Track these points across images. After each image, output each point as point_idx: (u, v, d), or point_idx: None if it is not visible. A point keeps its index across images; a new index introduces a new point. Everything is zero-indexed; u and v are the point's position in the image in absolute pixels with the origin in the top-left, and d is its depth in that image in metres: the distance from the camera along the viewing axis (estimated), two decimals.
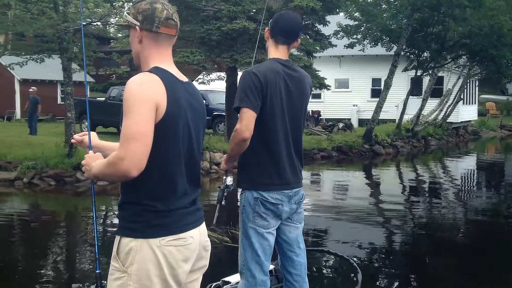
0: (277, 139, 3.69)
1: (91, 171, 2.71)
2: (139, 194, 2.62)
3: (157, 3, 2.70)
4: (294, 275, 3.88)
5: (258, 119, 3.60)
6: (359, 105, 34.00)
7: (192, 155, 2.76)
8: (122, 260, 2.62)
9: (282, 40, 3.79)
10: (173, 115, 2.60)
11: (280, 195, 3.71)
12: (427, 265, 8.15)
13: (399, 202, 13.19)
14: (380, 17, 25.37)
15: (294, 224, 3.88)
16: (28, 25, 14.51)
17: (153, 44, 2.72)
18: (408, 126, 27.52)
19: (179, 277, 2.67)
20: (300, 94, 3.82)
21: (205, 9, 20.10)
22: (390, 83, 23.57)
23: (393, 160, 22.67)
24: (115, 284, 2.64)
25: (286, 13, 3.90)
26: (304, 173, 18.09)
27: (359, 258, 7.77)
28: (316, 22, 22.34)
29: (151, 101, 2.52)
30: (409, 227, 10.55)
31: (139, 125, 2.48)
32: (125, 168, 2.47)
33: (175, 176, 2.66)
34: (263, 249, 3.72)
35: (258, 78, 3.60)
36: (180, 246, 2.65)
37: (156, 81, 2.58)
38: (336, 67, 33.98)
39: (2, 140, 17.89)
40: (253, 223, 3.70)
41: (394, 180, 17.94)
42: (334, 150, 22.34)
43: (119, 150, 2.52)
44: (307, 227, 10.24)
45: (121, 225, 2.68)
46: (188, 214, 2.73)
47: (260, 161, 3.69)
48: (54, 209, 12.41)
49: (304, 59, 20.69)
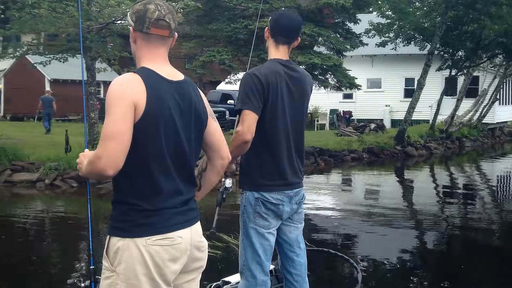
0: (278, 140, 3.71)
1: (82, 169, 2.73)
2: (126, 193, 2.66)
3: (151, 3, 2.72)
4: (295, 275, 3.89)
5: (260, 121, 3.61)
6: (391, 105, 33.63)
7: (182, 155, 2.74)
8: (111, 260, 2.66)
9: (282, 40, 3.77)
10: (153, 114, 2.60)
11: (281, 195, 3.72)
12: (462, 270, 7.80)
13: (434, 206, 12.68)
14: (413, 15, 24.95)
15: (294, 224, 3.89)
16: (51, 23, 14.28)
17: (144, 45, 2.76)
18: (442, 127, 27.11)
19: (167, 276, 2.67)
20: (300, 95, 3.81)
21: (232, 8, 19.77)
22: (423, 83, 23.13)
23: (426, 162, 22.11)
24: (105, 283, 2.68)
25: (285, 12, 3.94)
26: (334, 176, 17.97)
27: (390, 263, 7.56)
28: (347, 20, 21.89)
29: (129, 100, 2.54)
30: (445, 233, 10.08)
31: (116, 124, 2.51)
32: (101, 166, 2.50)
33: (158, 175, 2.65)
34: (264, 249, 3.73)
35: (259, 79, 3.59)
36: (167, 245, 2.65)
37: (136, 81, 2.60)
38: (368, 67, 33.64)
39: (27, 141, 17.76)
40: (254, 223, 3.71)
41: (428, 183, 17.33)
42: (364, 151, 21.83)
43: (97, 148, 2.55)
44: (337, 230, 9.97)
45: (111, 224, 2.71)
46: (177, 214, 2.72)
47: (262, 162, 3.71)
48: (74, 211, 12.12)
49: (333, 58, 20.24)
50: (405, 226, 10.73)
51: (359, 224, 10.67)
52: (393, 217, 11.35)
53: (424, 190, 15.65)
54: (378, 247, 8.88)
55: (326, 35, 20.32)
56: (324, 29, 20.24)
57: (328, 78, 21.61)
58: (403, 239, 9.52)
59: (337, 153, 20.63)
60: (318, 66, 20.11)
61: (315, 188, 14.89)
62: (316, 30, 19.48)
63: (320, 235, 9.51)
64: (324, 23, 20.86)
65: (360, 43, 22.61)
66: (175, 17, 2.78)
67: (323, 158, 19.80)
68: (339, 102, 34.81)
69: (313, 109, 34.72)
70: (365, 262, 7.82)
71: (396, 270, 7.64)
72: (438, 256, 8.65)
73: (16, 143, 16.69)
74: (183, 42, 21.25)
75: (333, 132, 26.56)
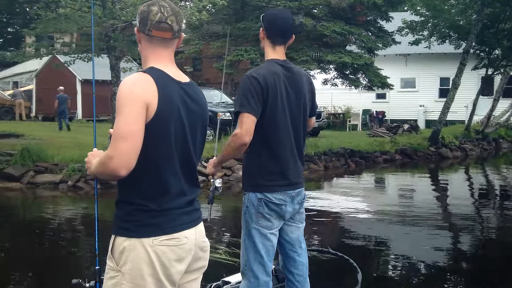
0: (279, 141, 3.74)
1: (91, 168, 2.73)
2: (132, 193, 2.67)
3: (155, 5, 2.71)
4: (296, 275, 3.92)
5: (260, 122, 3.64)
6: (426, 106, 33.11)
7: (188, 156, 2.77)
8: (116, 259, 2.66)
9: (279, 40, 3.81)
10: (164, 115, 2.61)
11: (284, 195, 3.76)
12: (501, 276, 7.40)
13: (471, 210, 12.20)
14: (447, 13, 24.32)
15: (296, 224, 3.92)
16: (74, 22, 14.07)
17: (149, 46, 2.77)
18: (477, 128, 26.54)
19: (172, 276, 2.70)
20: (298, 95, 3.81)
21: (262, 6, 19.42)
22: (458, 82, 22.52)
23: (462, 164, 21.48)
24: (110, 283, 2.69)
25: (279, 12, 3.95)
26: (365, 178, 17.51)
27: (426, 265, 7.26)
28: (379, 18, 21.40)
29: (141, 100, 2.54)
30: (483, 237, 9.56)
31: (128, 124, 2.51)
32: (114, 167, 2.50)
33: (167, 175, 2.68)
34: (266, 250, 3.76)
35: (258, 81, 3.62)
36: (174, 246, 2.68)
37: (148, 81, 2.60)
38: (402, 66, 33.19)
39: (52, 141, 17.62)
40: (256, 223, 3.74)
41: (464, 186, 16.70)
42: (397, 153, 21.29)
43: (108, 149, 2.55)
44: (369, 233, 9.67)
45: (116, 224, 2.71)
46: (183, 214, 2.75)
47: (264, 163, 3.74)
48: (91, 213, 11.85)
49: (364, 57, 19.77)
50: (440, 228, 10.31)
51: (392, 226, 10.37)
52: (427, 220, 10.84)
53: (459, 193, 15.06)
54: (412, 249, 8.54)
55: (357, 33, 19.87)
56: (355, 27, 19.82)
57: (359, 78, 21.17)
58: (438, 241, 9.19)
59: (368, 155, 20.17)
60: (348, 65, 19.67)
61: (346, 190, 14.54)
62: (347, 28, 19.06)
63: (352, 238, 9.40)
64: (355, 21, 20.41)
65: (392, 41, 22.14)
66: (179, 18, 2.76)
67: (354, 159, 19.42)
68: (372, 102, 34.32)
69: (345, 109, 34.24)
70: (400, 263, 7.77)
71: (432, 272, 7.46)
72: (475, 259, 8.31)
73: (41, 143, 16.54)
74: (211, 41, 20.99)
75: (365, 133, 26.06)
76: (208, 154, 15.91)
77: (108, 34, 13.96)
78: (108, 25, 13.64)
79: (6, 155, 15.05)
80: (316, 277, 6.21)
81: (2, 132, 20.32)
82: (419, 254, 8.31)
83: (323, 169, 17.90)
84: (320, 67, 20.73)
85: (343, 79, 21.65)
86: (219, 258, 7.21)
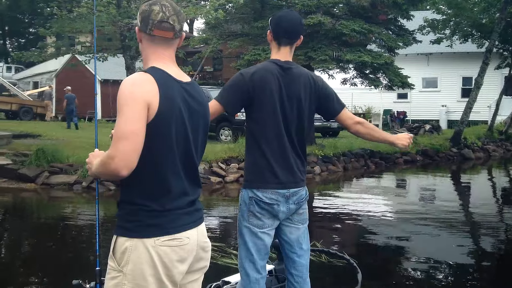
0: (268, 139, 3.71)
1: (92, 169, 2.71)
2: (134, 194, 2.66)
3: (156, 4, 2.70)
4: (295, 276, 3.90)
5: (249, 119, 3.75)
6: (448, 106, 32.70)
7: (189, 156, 2.76)
8: (118, 260, 2.66)
9: (285, 41, 3.79)
10: (166, 115, 2.61)
11: (275, 195, 3.70)
12: None
13: (494, 211, 11.92)
14: (470, 11, 24.07)
15: (295, 225, 3.87)
16: (88, 21, 13.95)
17: (150, 45, 2.77)
18: (501, 128, 26.29)
19: (174, 277, 2.70)
20: (295, 95, 3.76)
21: (280, 5, 19.18)
22: (481, 82, 22.12)
23: (484, 165, 21.07)
24: (111, 283, 2.68)
25: (286, 13, 3.88)
26: (385, 179, 17.19)
27: (449, 266, 6.95)
28: (399, 16, 21.04)
29: (142, 100, 2.53)
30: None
31: (129, 124, 2.50)
32: (115, 167, 2.49)
33: (169, 175, 2.67)
34: (257, 248, 3.73)
35: (244, 78, 3.68)
36: (175, 246, 2.68)
37: (149, 81, 2.60)
38: (423, 66, 32.86)
39: (69, 141, 17.56)
40: (247, 222, 3.73)
41: (487, 188, 16.32)
42: (418, 153, 20.94)
43: (110, 149, 2.53)
44: (391, 234, 9.47)
45: (118, 224, 2.71)
46: (185, 214, 2.74)
47: (255, 160, 3.75)
48: (108, 214, 11.71)
49: (384, 56, 19.43)
50: (464, 230, 10.11)
51: (414, 227, 10.16)
52: (450, 222, 10.57)
53: (482, 195, 14.72)
54: (435, 251, 8.32)
55: (377, 32, 19.55)
56: (375, 26, 19.48)
57: (379, 77, 20.83)
58: (461, 243, 9.04)
59: (388, 156, 19.87)
60: (368, 65, 19.35)
61: (365, 191, 14.37)
62: (366, 27, 18.74)
63: (373, 239, 9.27)
64: (375, 20, 20.09)
65: (413, 40, 21.74)
66: (180, 18, 2.75)
67: (373, 160, 19.17)
68: (393, 102, 33.98)
69: (366, 109, 33.88)
70: (424, 265, 7.60)
71: (455, 274, 7.37)
72: (498, 262, 8.09)
73: (57, 144, 16.45)
74: (229, 40, 20.78)
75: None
76: (225, 155, 15.86)
77: (124, 34, 13.78)
78: (123, 24, 13.47)
79: (21, 156, 15.00)
80: (316, 277, 6.11)
81: (19, 132, 20.30)
82: (442, 252, 8.22)
83: (342, 170, 17.65)
84: (339, 67, 20.44)
85: (363, 78, 21.33)
86: (229, 263, 6.98)
